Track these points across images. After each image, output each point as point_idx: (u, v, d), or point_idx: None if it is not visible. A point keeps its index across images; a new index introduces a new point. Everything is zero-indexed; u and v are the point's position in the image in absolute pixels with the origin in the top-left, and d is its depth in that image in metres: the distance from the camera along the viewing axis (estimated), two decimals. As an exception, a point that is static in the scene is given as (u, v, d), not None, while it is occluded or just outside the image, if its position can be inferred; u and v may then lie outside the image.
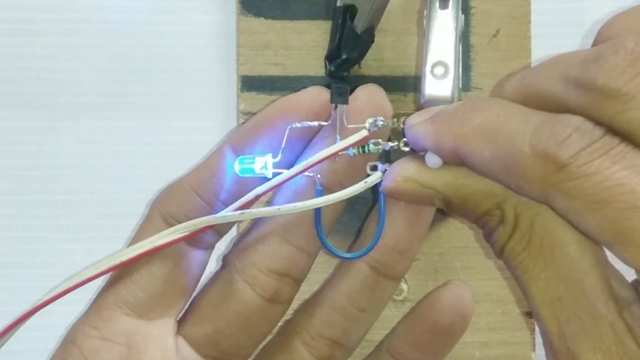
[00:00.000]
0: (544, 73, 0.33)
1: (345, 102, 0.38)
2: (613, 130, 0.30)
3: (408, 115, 0.38)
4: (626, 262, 0.30)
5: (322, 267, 0.43)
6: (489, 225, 0.34)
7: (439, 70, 0.40)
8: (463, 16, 0.42)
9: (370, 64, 0.44)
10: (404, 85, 0.45)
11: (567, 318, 0.32)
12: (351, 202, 0.42)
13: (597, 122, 0.30)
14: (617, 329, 0.31)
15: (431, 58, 0.40)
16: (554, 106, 0.32)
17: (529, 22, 0.45)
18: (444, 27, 0.40)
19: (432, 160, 0.35)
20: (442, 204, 0.36)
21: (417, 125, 0.35)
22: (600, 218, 0.30)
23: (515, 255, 0.33)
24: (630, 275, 0.32)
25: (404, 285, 0.44)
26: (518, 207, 0.33)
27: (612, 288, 0.32)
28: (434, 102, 0.39)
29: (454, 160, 0.34)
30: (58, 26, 0.46)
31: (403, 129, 0.37)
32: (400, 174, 0.36)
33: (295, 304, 0.42)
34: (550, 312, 0.32)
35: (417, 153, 0.36)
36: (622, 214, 0.29)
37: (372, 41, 0.43)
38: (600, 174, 0.30)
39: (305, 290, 0.43)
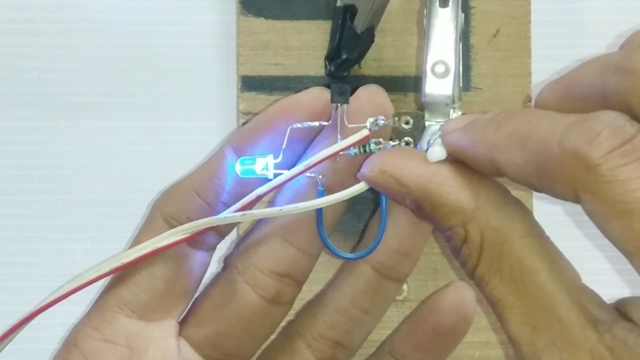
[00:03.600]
0: (583, 67, 0.32)
1: (346, 101, 0.38)
2: None
3: (408, 113, 0.38)
4: None
5: (323, 268, 0.43)
6: (453, 242, 0.34)
7: (440, 68, 0.40)
8: (463, 14, 0.42)
9: (370, 64, 0.44)
10: (404, 85, 0.44)
11: (543, 346, 0.31)
12: (352, 202, 0.42)
13: (634, 114, 0.29)
14: (597, 355, 0.30)
15: (432, 57, 0.40)
16: (592, 102, 0.31)
17: (529, 22, 0.45)
18: (444, 26, 0.40)
19: (434, 153, 0.35)
20: (413, 206, 0.35)
21: (452, 134, 0.35)
22: (626, 227, 0.29)
23: (487, 281, 0.33)
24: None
25: (404, 286, 0.44)
26: (485, 232, 0.33)
27: (590, 313, 0.31)
28: (435, 101, 0.39)
29: (492, 171, 0.33)
30: (58, 26, 0.46)
31: (439, 134, 0.36)
32: (378, 165, 0.36)
33: (297, 305, 0.42)
34: (526, 340, 0.32)
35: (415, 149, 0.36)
36: None
37: (372, 41, 0.43)
38: (632, 182, 0.28)
39: (306, 290, 0.43)
